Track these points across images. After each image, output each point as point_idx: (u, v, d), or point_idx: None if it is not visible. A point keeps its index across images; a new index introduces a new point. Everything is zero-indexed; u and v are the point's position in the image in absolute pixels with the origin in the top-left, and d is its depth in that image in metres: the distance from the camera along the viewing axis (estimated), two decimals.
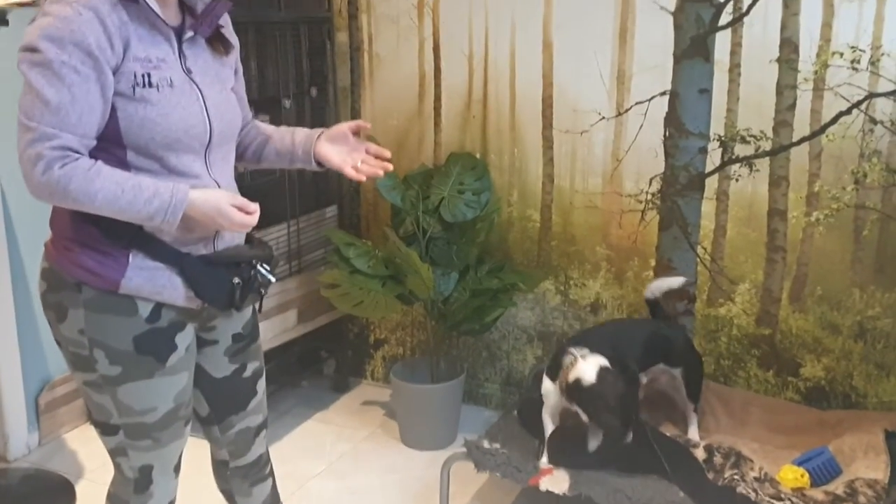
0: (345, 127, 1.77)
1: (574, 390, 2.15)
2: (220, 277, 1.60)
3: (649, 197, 2.73)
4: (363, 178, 1.75)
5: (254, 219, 1.55)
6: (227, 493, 2.00)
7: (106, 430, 1.68)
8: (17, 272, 2.79)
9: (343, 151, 1.76)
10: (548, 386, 2.29)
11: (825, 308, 2.59)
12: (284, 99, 2.95)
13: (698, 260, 2.71)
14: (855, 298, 2.55)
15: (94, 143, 1.48)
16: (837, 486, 2.18)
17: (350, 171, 1.74)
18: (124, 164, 1.52)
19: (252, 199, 1.78)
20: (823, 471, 2.27)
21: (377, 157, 1.77)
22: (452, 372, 2.95)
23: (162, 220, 1.49)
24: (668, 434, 2.43)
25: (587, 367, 2.15)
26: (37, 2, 2.36)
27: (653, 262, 2.78)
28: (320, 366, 3.39)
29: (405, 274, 2.74)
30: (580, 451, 2.27)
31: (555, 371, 2.26)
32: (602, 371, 2.13)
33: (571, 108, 2.77)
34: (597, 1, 2.66)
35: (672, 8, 2.56)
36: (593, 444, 2.19)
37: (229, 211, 1.53)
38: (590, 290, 2.89)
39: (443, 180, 2.81)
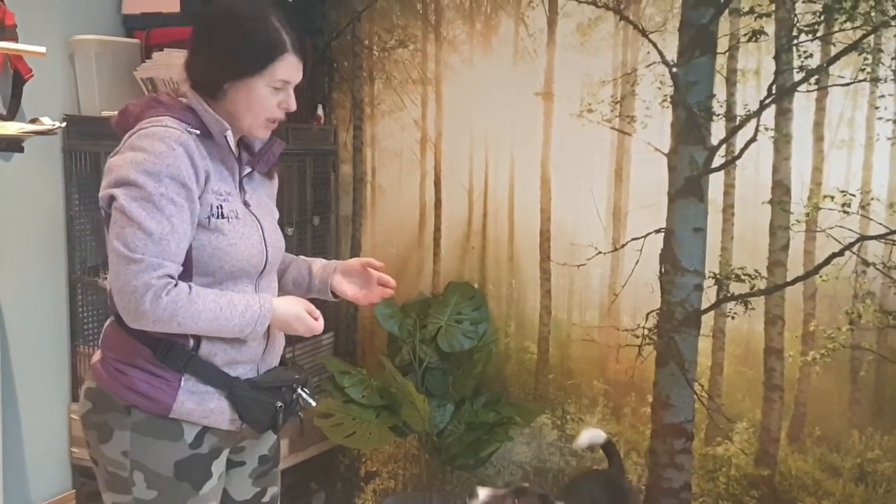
0: (357, 264, 1.84)
1: None
2: (264, 401, 1.64)
3: (646, 332, 2.74)
4: (374, 301, 1.84)
5: (321, 324, 1.65)
6: None
7: None
8: (7, 392, 2.75)
9: (357, 284, 1.83)
10: None
11: (825, 449, 2.56)
12: (287, 227, 3.00)
13: (695, 397, 2.70)
14: (854, 440, 2.52)
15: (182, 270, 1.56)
16: None
17: (364, 302, 1.84)
18: None
19: None
20: None
21: (384, 285, 1.83)
22: None
23: (252, 329, 1.57)
24: None
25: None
26: (54, 131, 2.45)
27: (650, 398, 2.76)
28: (309, 499, 3.28)
29: (400, 404, 2.71)
30: None
31: None
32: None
33: (569, 242, 2.82)
34: (593, 141, 2.76)
35: (666, 150, 2.66)
36: None
37: (306, 316, 1.62)
38: (587, 425, 2.85)
39: (441, 309, 2.83)
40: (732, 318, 2.63)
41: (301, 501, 3.25)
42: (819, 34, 2.44)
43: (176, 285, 1.50)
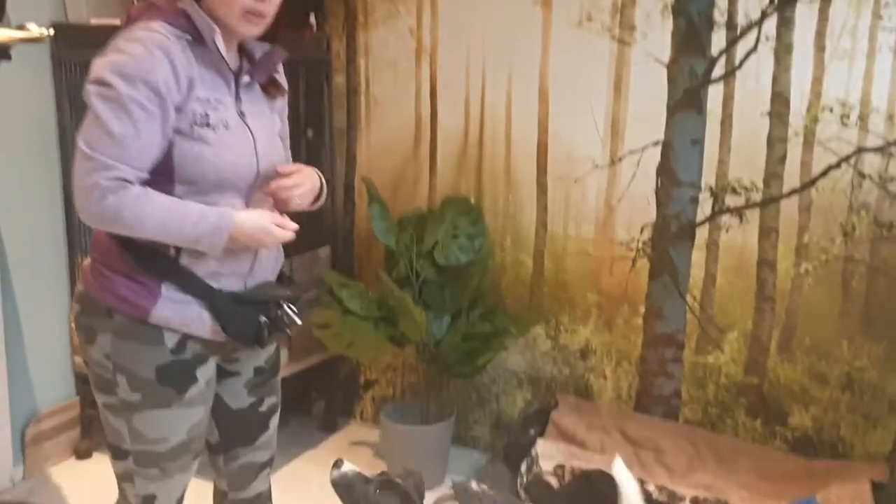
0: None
1: None
2: (247, 315, 1.65)
3: (640, 245, 2.76)
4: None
5: (291, 234, 1.63)
6: None
7: (117, 454, 1.71)
8: (9, 305, 2.78)
9: None
10: None
11: (813, 358, 2.61)
12: None
13: (687, 308, 2.74)
14: (843, 349, 2.58)
15: (148, 177, 1.54)
16: None
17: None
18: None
19: None
20: None
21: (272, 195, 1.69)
22: (442, 414, 2.94)
23: (208, 242, 1.55)
24: (654, 488, 2.43)
25: None
26: (42, 38, 2.40)
27: (642, 310, 2.80)
28: (309, 406, 3.37)
29: (398, 316, 2.75)
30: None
31: None
32: None
33: (566, 155, 2.81)
34: (593, 52, 2.71)
35: (666, 60, 2.62)
36: None
37: (273, 229, 1.60)
38: (580, 335, 2.91)
39: (437, 224, 2.84)
40: (727, 230, 2.65)
41: (302, 409, 3.34)
42: None
43: (129, 188, 1.49)
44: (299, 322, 1.71)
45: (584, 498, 2.37)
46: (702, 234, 2.68)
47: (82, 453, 3.04)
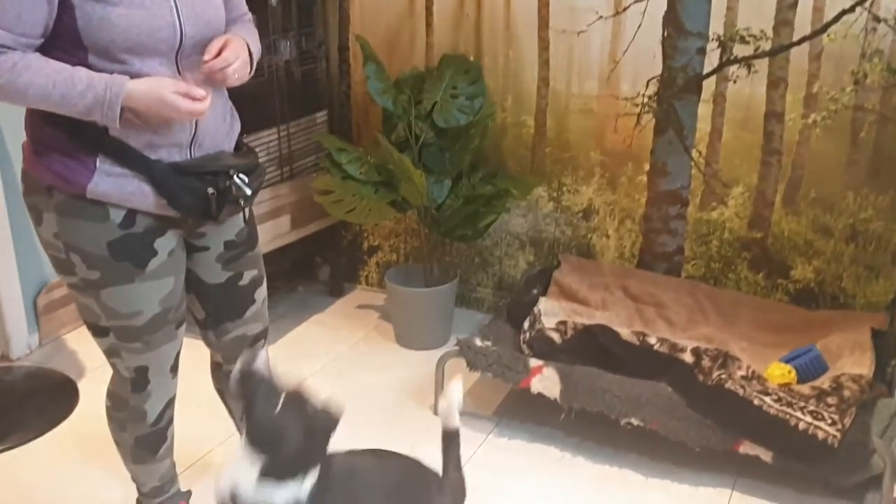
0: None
1: None
2: (192, 187, 1.56)
3: (646, 100, 2.69)
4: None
5: (202, 105, 1.48)
6: (220, 392, 2.05)
7: (97, 331, 1.71)
8: (7, 173, 2.76)
9: None
10: None
11: (818, 211, 2.59)
12: None
13: (693, 164, 2.70)
14: (849, 201, 2.55)
15: (38, 42, 1.44)
16: (823, 382, 2.24)
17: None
18: (87, 67, 1.46)
19: (239, 103, 1.74)
20: (810, 368, 2.32)
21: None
22: (445, 277, 2.96)
23: (101, 114, 1.44)
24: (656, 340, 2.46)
25: None
26: None
27: (647, 167, 2.76)
28: (315, 271, 3.40)
29: (398, 180, 2.72)
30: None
31: None
32: None
33: (569, 7, 2.70)
34: None
35: None
36: None
37: (174, 99, 1.45)
38: (583, 196, 2.89)
39: (435, 84, 2.76)
40: (734, 81, 2.57)
41: (307, 274, 3.37)
42: None
43: (5, 54, 1.39)
44: (249, 193, 1.62)
45: (586, 351, 2.41)
46: (709, 86, 2.60)
47: None
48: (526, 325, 2.56)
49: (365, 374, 2.77)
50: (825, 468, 2.07)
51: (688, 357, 2.37)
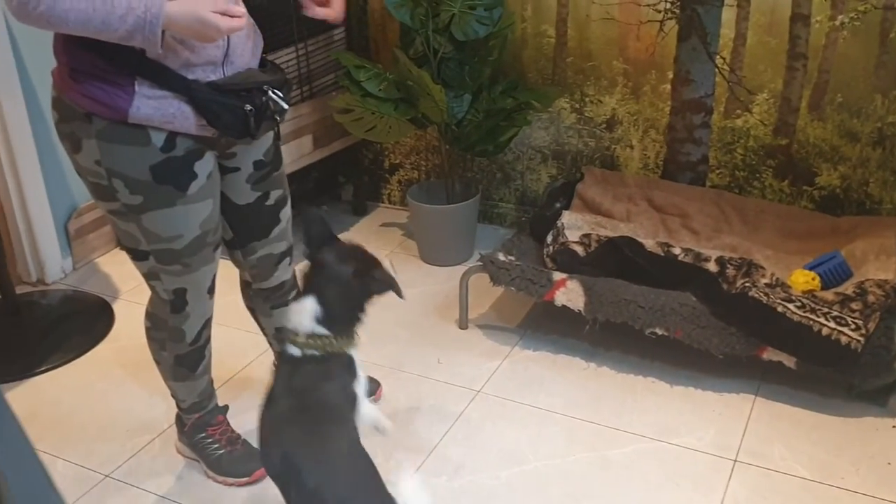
0: None
1: None
2: (231, 105, 1.56)
3: (668, 6, 2.63)
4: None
5: (241, 22, 1.47)
6: (251, 310, 2.10)
7: (137, 255, 1.73)
8: (31, 102, 2.77)
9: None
10: None
11: (845, 115, 2.55)
12: None
13: (717, 71, 2.65)
14: (876, 105, 2.50)
15: None
16: (847, 288, 2.24)
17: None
18: None
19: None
20: (834, 274, 2.33)
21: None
22: (467, 193, 2.97)
23: (141, 38, 1.42)
24: (680, 250, 2.47)
25: None
26: None
27: (670, 75, 2.72)
28: (338, 191, 3.42)
29: (417, 97, 2.70)
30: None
31: None
32: None
33: None
34: None
35: None
36: None
37: (212, 18, 1.43)
38: (606, 106, 2.85)
39: None
40: None
41: (330, 194, 3.39)
42: None
43: None
44: (286, 107, 1.63)
45: (610, 262, 2.42)
46: None
47: None
48: (549, 238, 2.57)
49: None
50: (848, 373, 2.10)
51: (712, 266, 2.38)
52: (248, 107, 1.57)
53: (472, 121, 2.79)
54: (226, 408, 2.08)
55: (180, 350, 1.88)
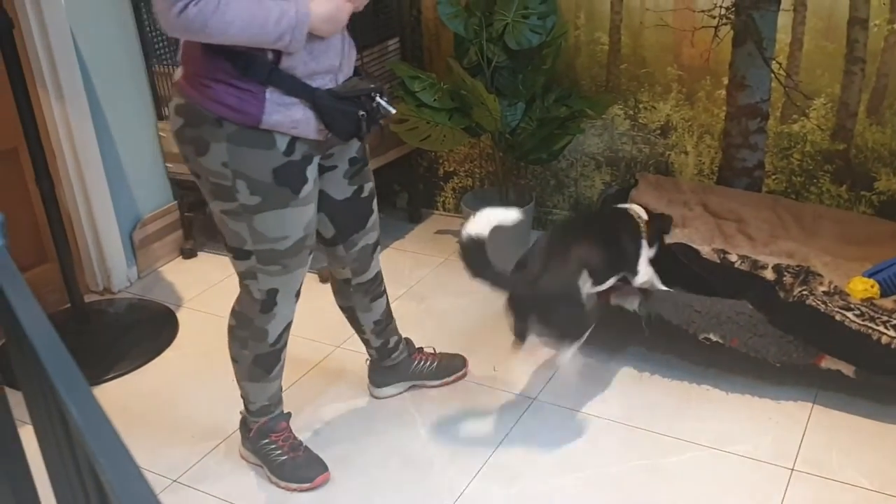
0: None
1: None
2: (347, 111, 1.70)
3: (723, 11, 2.62)
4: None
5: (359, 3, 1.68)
6: (349, 309, 2.21)
7: (239, 255, 1.83)
8: (97, 116, 2.89)
9: None
10: None
11: None
12: None
13: (773, 76, 2.64)
14: None
15: None
16: None
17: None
18: None
19: None
20: (894, 281, 2.30)
21: None
22: (521, 200, 3.00)
23: (290, 38, 1.57)
24: (737, 257, 2.46)
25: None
26: None
27: (725, 81, 2.71)
28: (393, 199, 3.48)
29: (471, 106, 2.74)
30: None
31: None
32: None
33: None
34: None
35: None
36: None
37: (343, 4, 1.63)
38: (660, 112, 2.86)
39: (506, 5, 2.74)
40: None
41: (386, 201, 3.45)
42: None
43: None
44: (393, 111, 1.77)
45: (667, 270, 2.42)
46: None
47: (187, 253, 3.26)
48: None
49: (447, 298, 2.86)
50: None
51: (769, 274, 2.37)
52: (361, 112, 1.71)
53: (526, 129, 2.82)
54: (289, 415, 2.15)
55: (261, 350, 1.97)
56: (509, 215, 2.00)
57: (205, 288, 3.03)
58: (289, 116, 1.65)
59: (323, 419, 2.31)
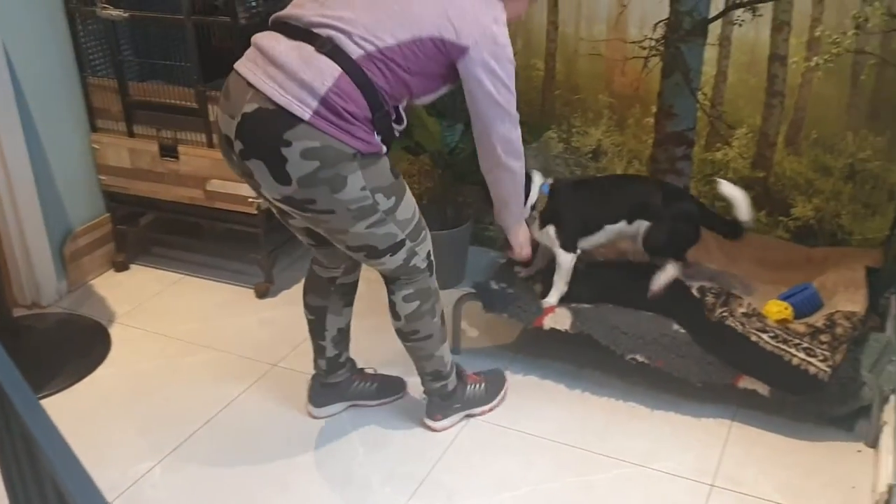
0: None
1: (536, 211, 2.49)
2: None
3: (653, 43, 2.75)
4: None
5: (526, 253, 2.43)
6: (320, 310, 2.30)
7: (395, 248, 2.03)
8: (28, 128, 2.84)
9: None
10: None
11: (819, 151, 2.68)
12: None
13: (698, 106, 2.77)
14: (848, 141, 2.64)
15: None
16: (818, 319, 2.37)
17: None
18: None
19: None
20: (806, 304, 2.46)
21: None
22: (459, 219, 3.07)
23: (514, 221, 2.37)
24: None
25: (539, 183, 2.49)
26: None
27: (654, 109, 2.84)
28: None
29: (412, 126, 2.79)
30: (577, 287, 2.47)
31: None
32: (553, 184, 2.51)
33: None
34: None
35: None
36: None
37: (523, 250, 2.46)
38: (592, 137, 2.97)
39: None
40: (740, 25, 2.62)
41: None
42: None
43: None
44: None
45: (601, 282, 2.53)
46: (714, 30, 2.66)
47: (119, 266, 3.23)
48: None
49: (385, 315, 2.89)
50: (817, 401, 2.23)
51: (694, 294, 2.50)
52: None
53: (465, 149, 2.89)
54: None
55: (441, 306, 2.22)
56: None
57: (138, 303, 3.01)
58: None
59: (260, 438, 2.33)
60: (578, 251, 2.47)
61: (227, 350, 2.73)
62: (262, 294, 3.06)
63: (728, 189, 2.47)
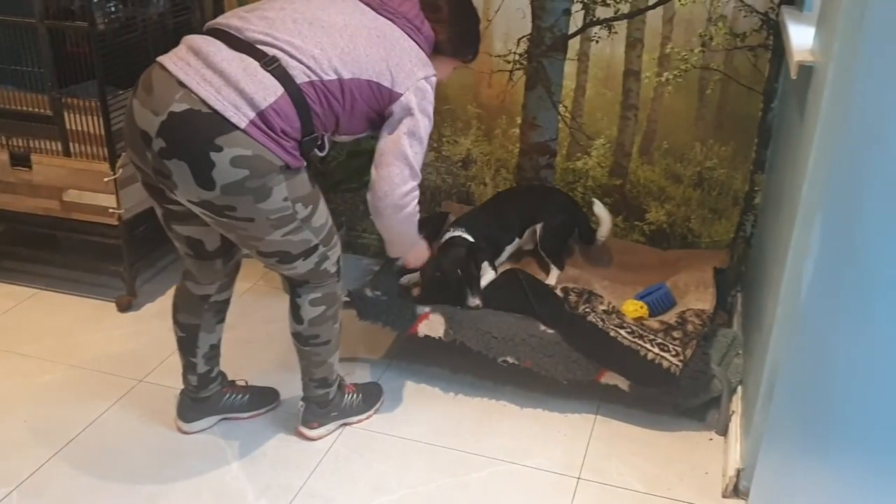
0: None
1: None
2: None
3: (517, 57, 2.86)
4: None
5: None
6: (191, 328, 2.25)
7: (309, 252, 2.06)
8: None
9: None
10: None
11: (670, 160, 2.87)
12: None
13: (560, 118, 2.90)
14: (696, 151, 2.83)
15: None
16: (671, 317, 2.54)
17: None
18: None
19: (115, 60, 1.95)
20: (660, 303, 2.62)
21: None
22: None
23: (410, 246, 2.43)
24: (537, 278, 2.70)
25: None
26: None
27: (519, 120, 2.95)
28: None
29: None
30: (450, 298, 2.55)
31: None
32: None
33: None
34: None
35: None
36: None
37: (418, 261, 2.61)
38: (461, 146, 3.05)
39: None
40: (597, 41, 2.77)
41: None
42: None
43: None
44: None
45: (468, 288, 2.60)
46: (573, 45, 2.79)
47: None
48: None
49: (254, 327, 2.87)
50: (672, 393, 2.39)
51: (558, 294, 2.61)
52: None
53: (337, 158, 2.91)
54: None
55: (341, 314, 2.26)
56: None
57: None
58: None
59: (127, 456, 2.26)
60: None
61: (88, 367, 2.63)
62: (124, 307, 2.96)
63: (599, 209, 2.82)
